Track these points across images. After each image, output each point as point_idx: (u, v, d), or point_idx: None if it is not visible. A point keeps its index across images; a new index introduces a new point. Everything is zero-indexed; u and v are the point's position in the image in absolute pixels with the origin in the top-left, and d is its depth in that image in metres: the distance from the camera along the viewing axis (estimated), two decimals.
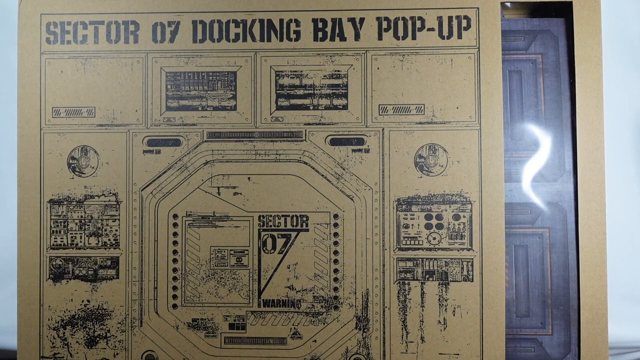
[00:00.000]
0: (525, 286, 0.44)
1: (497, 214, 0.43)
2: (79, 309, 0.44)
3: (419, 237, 0.44)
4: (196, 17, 0.45)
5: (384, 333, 0.43)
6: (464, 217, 0.43)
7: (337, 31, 0.45)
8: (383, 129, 0.44)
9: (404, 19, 0.45)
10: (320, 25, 0.45)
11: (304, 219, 0.44)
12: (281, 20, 0.45)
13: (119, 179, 0.45)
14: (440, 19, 0.45)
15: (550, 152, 0.45)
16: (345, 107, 0.45)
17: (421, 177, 0.44)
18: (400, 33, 0.45)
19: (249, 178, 0.44)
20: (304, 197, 0.44)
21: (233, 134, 0.45)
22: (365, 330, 0.44)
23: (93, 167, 0.45)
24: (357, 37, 0.45)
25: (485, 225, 0.43)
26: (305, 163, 0.44)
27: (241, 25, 0.45)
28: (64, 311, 0.45)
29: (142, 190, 0.45)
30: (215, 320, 0.44)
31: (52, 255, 0.45)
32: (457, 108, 0.44)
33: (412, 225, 0.44)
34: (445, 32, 0.44)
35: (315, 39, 0.45)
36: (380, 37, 0.45)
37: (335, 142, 0.44)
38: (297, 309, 0.44)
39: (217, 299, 0.44)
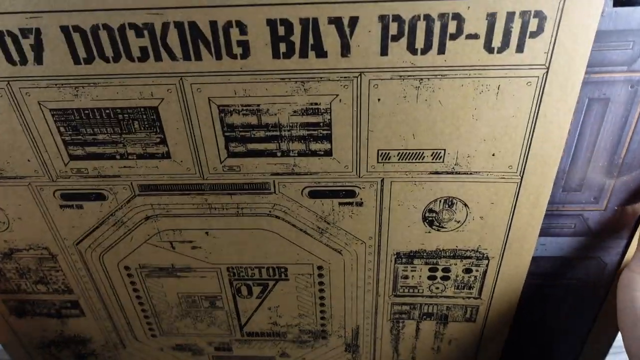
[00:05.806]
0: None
1: (519, 270, 0.35)
2: (55, 336, 0.42)
3: (420, 286, 0.37)
4: (65, 21, 0.26)
5: (373, 357, 0.42)
6: (477, 271, 0.35)
7: (310, 40, 0.26)
8: (383, 180, 0.31)
9: (426, 17, 0.25)
10: (281, 30, 0.26)
11: (282, 270, 0.36)
12: (213, 24, 0.26)
13: (43, 233, 0.35)
14: (492, 17, 0.25)
15: None
16: (328, 153, 0.30)
17: (429, 232, 0.34)
18: (420, 43, 0.26)
19: (207, 233, 0.35)
20: (279, 250, 0.35)
21: (173, 186, 0.32)
22: (355, 352, 0.42)
23: (4, 223, 0.35)
24: (345, 49, 0.26)
25: (502, 278, 0.36)
26: (278, 217, 0.33)
27: (146, 32, 0.26)
28: (41, 337, 0.43)
29: (76, 244, 0.36)
30: (199, 345, 0.42)
31: (4, 299, 0.40)
32: (494, 155, 0.30)
33: (413, 276, 0.36)
34: (497, 41, 0.26)
35: (276, 54, 0.27)
36: (384, 50, 0.26)
37: (315, 194, 0.32)
38: (283, 338, 0.41)
39: (197, 331, 0.41)
